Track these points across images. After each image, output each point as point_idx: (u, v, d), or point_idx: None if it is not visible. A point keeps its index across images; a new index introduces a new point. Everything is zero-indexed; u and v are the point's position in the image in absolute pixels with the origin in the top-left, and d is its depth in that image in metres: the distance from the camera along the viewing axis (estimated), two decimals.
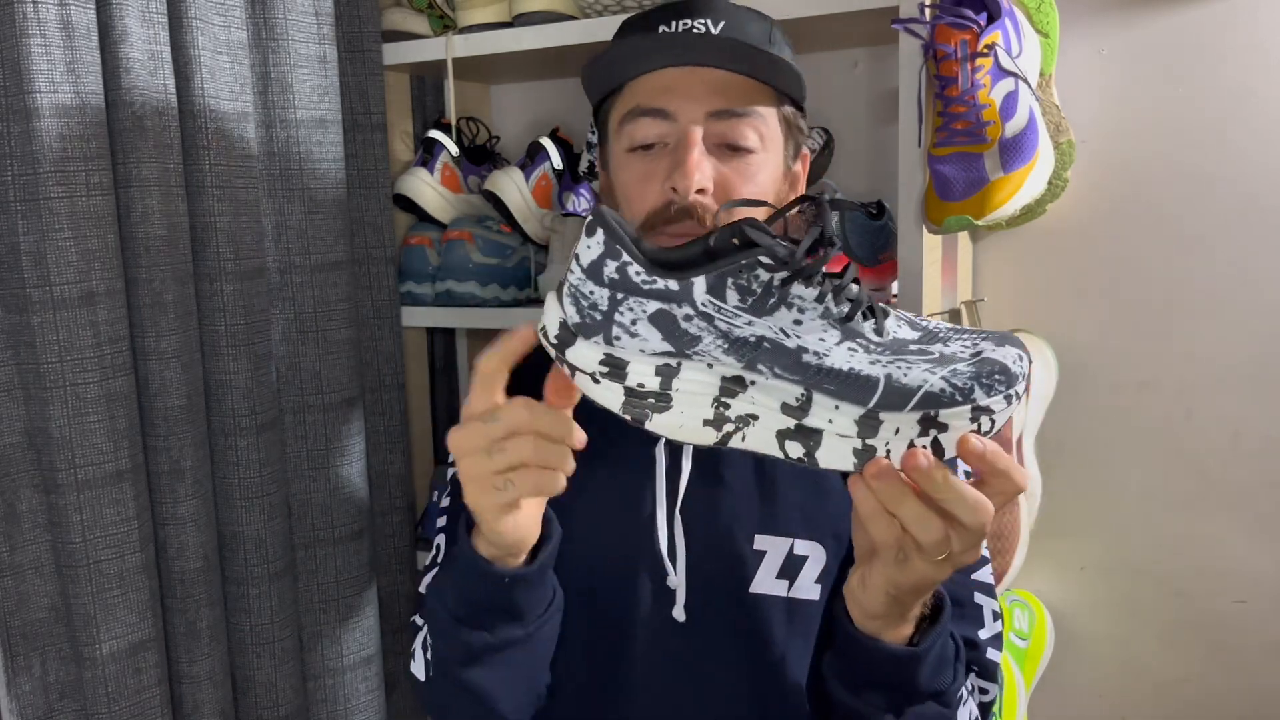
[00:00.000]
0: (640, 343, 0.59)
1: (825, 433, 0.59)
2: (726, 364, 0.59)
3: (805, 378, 0.58)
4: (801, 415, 0.59)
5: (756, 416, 0.60)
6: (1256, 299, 1.16)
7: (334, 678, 1.25)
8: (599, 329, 0.59)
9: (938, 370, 0.58)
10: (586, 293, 0.59)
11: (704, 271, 0.58)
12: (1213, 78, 1.15)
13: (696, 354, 0.59)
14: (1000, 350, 0.59)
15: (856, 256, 1.13)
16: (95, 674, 0.99)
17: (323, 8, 1.19)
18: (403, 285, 1.36)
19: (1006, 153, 1.01)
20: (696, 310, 0.58)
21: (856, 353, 0.58)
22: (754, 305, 0.58)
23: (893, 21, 1.03)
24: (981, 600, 0.88)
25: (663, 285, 0.58)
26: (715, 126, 0.85)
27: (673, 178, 0.83)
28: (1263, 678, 1.20)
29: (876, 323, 0.60)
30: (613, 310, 0.59)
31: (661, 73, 0.85)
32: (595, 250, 0.59)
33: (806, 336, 0.58)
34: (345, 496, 1.24)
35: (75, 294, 0.95)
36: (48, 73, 0.92)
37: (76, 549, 0.97)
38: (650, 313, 0.58)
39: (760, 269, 0.58)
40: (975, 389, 0.57)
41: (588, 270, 0.59)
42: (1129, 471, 1.23)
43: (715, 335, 0.58)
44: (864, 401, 0.57)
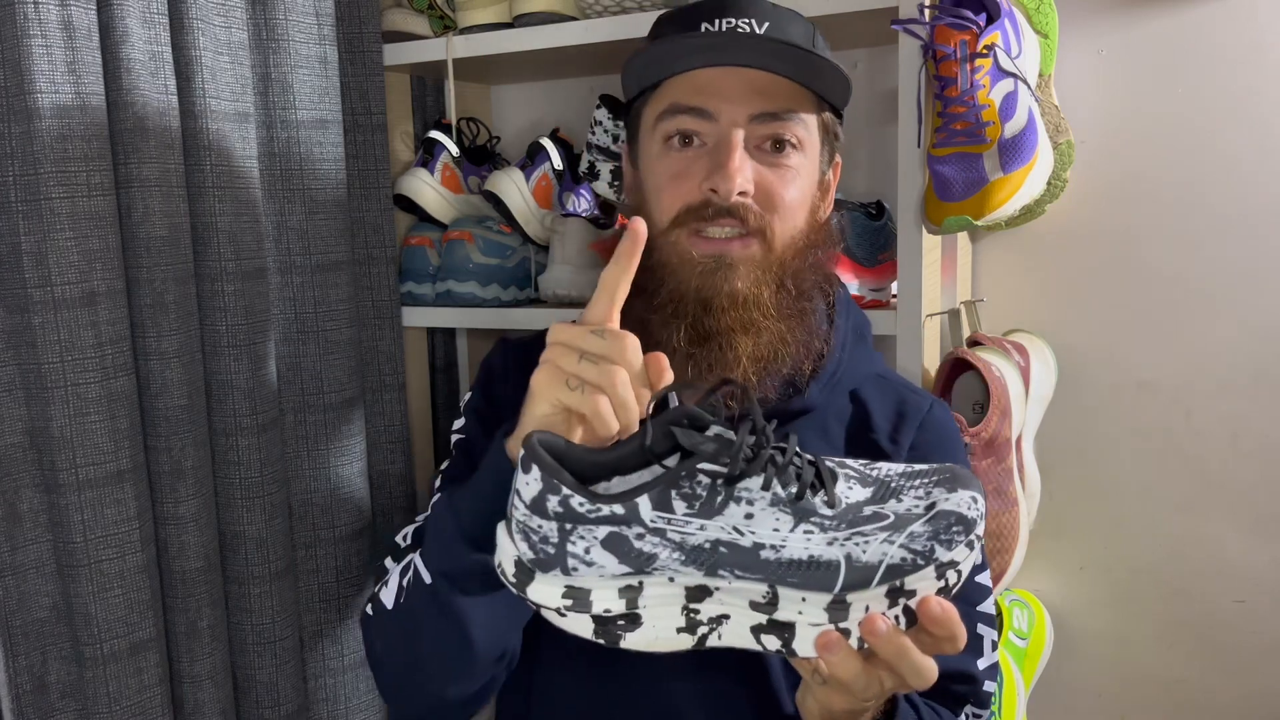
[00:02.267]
0: (598, 570, 0.59)
1: (798, 624, 0.59)
2: (687, 574, 0.58)
3: (767, 574, 0.58)
4: (771, 610, 0.59)
5: (728, 616, 0.60)
6: (1256, 299, 1.16)
7: (335, 677, 1.25)
8: (554, 562, 0.59)
9: (895, 538, 0.58)
10: (535, 527, 0.59)
11: (647, 490, 0.58)
12: (1212, 78, 1.15)
13: (656, 569, 0.58)
14: (954, 498, 0.59)
15: (856, 257, 1.13)
16: (96, 674, 0.99)
17: (323, 8, 1.20)
18: (403, 285, 1.36)
19: (1006, 153, 1.01)
20: (647, 528, 0.58)
21: (813, 534, 0.58)
22: (702, 509, 0.58)
23: (892, 22, 1.03)
24: (983, 631, 0.88)
25: (608, 511, 0.58)
26: (756, 129, 0.84)
27: (713, 179, 0.83)
28: (1262, 678, 1.20)
29: (827, 493, 0.59)
30: (564, 541, 0.58)
31: (702, 71, 0.84)
32: (535, 487, 0.59)
33: (760, 530, 0.58)
34: (345, 496, 1.24)
35: (76, 294, 0.96)
36: (49, 73, 0.93)
37: (78, 549, 0.98)
38: (602, 538, 0.58)
39: (701, 474, 0.58)
40: (935, 548, 0.58)
41: (531, 506, 0.59)
42: (1129, 471, 1.24)
43: (671, 548, 0.58)
44: (829, 588, 0.58)
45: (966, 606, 0.87)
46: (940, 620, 0.58)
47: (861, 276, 1.13)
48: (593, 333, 0.66)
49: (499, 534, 0.62)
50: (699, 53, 0.84)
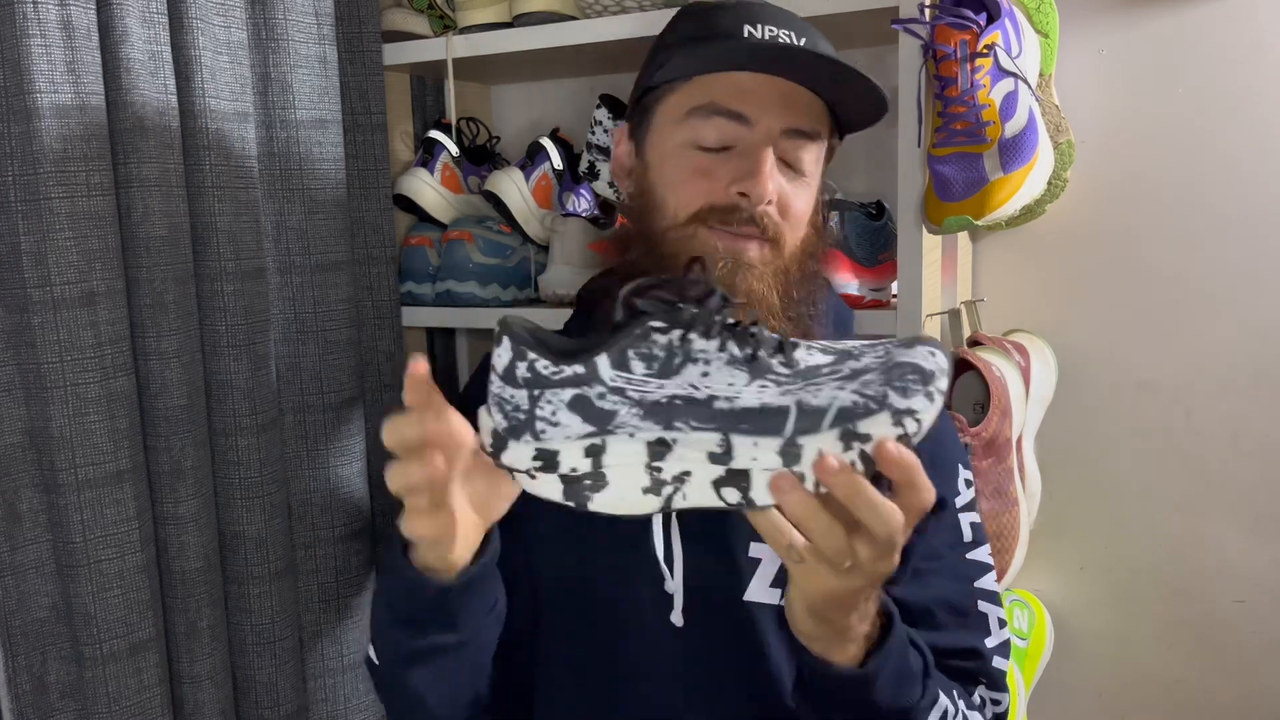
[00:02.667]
0: (564, 430, 0.62)
1: (753, 471, 0.60)
2: (646, 429, 0.61)
3: (720, 423, 0.60)
4: (727, 460, 0.60)
5: (690, 472, 0.61)
6: (1256, 299, 1.16)
7: (334, 677, 1.25)
8: (525, 428, 0.62)
9: (848, 385, 0.59)
10: (507, 397, 0.63)
11: (604, 349, 0.61)
12: (1212, 78, 1.15)
13: (618, 427, 0.61)
14: (909, 351, 0.61)
15: (856, 257, 1.13)
16: (96, 674, 0.99)
17: (323, 8, 1.19)
18: (403, 285, 1.36)
19: (1006, 153, 1.01)
20: (608, 387, 0.61)
21: (767, 388, 0.60)
22: (660, 369, 0.61)
23: (893, 22, 1.03)
24: (987, 608, 0.87)
25: (570, 372, 0.61)
26: (785, 143, 0.85)
27: (745, 183, 0.83)
28: (1262, 678, 1.20)
29: (785, 356, 0.61)
30: (533, 407, 0.62)
31: (743, 76, 0.85)
32: (505, 357, 0.63)
33: (716, 385, 0.60)
34: (345, 496, 1.24)
35: (76, 294, 0.95)
36: (48, 73, 0.93)
37: (77, 549, 0.98)
38: (567, 400, 0.61)
39: (656, 334, 0.61)
40: (889, 394, 0.59)
41: (503, 376, 0.63)
42: (1129, 471, 1.23)
43: (630, 405, 0.61)
44: (779, 431, 0.59)
45: (965, 584, 0.87)
46: (897, 462, 0.58)
47: (861, 276, 1.13)
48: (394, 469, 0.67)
49: (480, 415, 0.65)
50: (748, 58, 0.84)
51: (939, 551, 0.87)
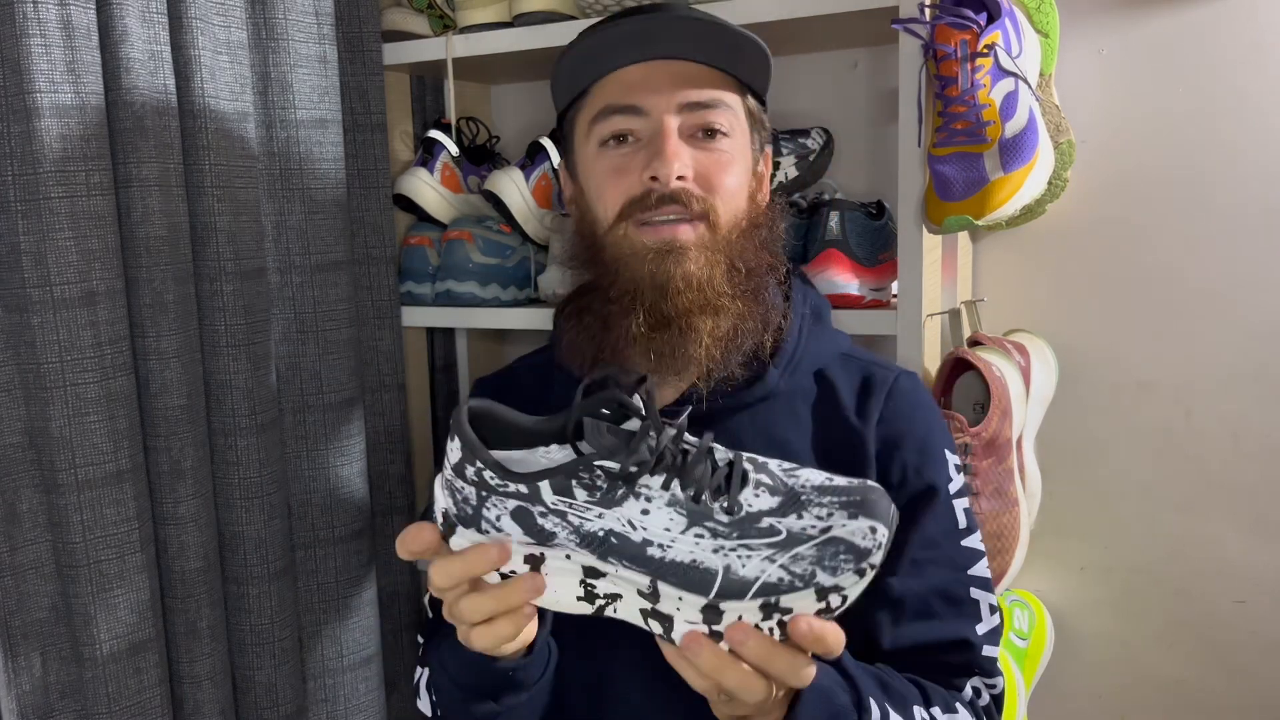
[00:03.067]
0: (505, 537, 0.65)
1: (675, 618, 0.63)
2: (582, 555, 0.64)
3: (650, 568, 0.62)
4: (654, 601, 0.63)
5: (620, 595, 0.65)
6: (1256, 299, 1.16)
7: (334, 677, 1.25)
8: (472, 521, 0.65)
9: (779, 557, 0.60)
10: (458, 488, 0.65)
11: (549, 475, 0.62)
12: (1213, 78, 1.15)
13: (556, 545, 0.64)
14: (851, 525, 0.61)
15: (856, 257, 1.13)
16: (96, 674, 0.99)
17: (323, 8, 1.19)
18: (403, 285, 1.36)
19: (1006, 153, 1.01)
20: (549, 509, 0.63)
21: (702, 539, 0.61)
22: (602, 499, 0.62)
23: (893, 21, 1.03)
24: (978, 595, 0.88)
25: (514, 488, 0.63)
26: (687, 118, 0.86)
27: (652, 166, 0.84)
28: (1263, 678, 1.20)
29: (729, 499, 0.62)
30: (480, 505, 0.65)
31: (627, 70, 0.87)
32: (456, 454, 0.65)
33: (653, 528, 0.62)
34: (345, 496, 1.24)
35: (75, 294, 0.95)
36: (48, 73, 0.92)
37: (77, 549, 0.97)
38: (511, 510, 0.64)
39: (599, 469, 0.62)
40: (817, 573, 0.60)
41: (454, 470, 0.65)
42: (1129, 471, 1.23)
43: (568, 530, 0.63)
44: (705, 592, 0.61)
45: (957, 573, 0.87)
46: (808, 638, 0.61)
47: (861, 276, 1.13)
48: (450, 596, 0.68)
49: (436, 487, 0.68)
50: (621, 50, 0.86)
51: (936, 540, 0.87)
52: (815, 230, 1.15)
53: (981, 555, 0.90)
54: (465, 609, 0.67)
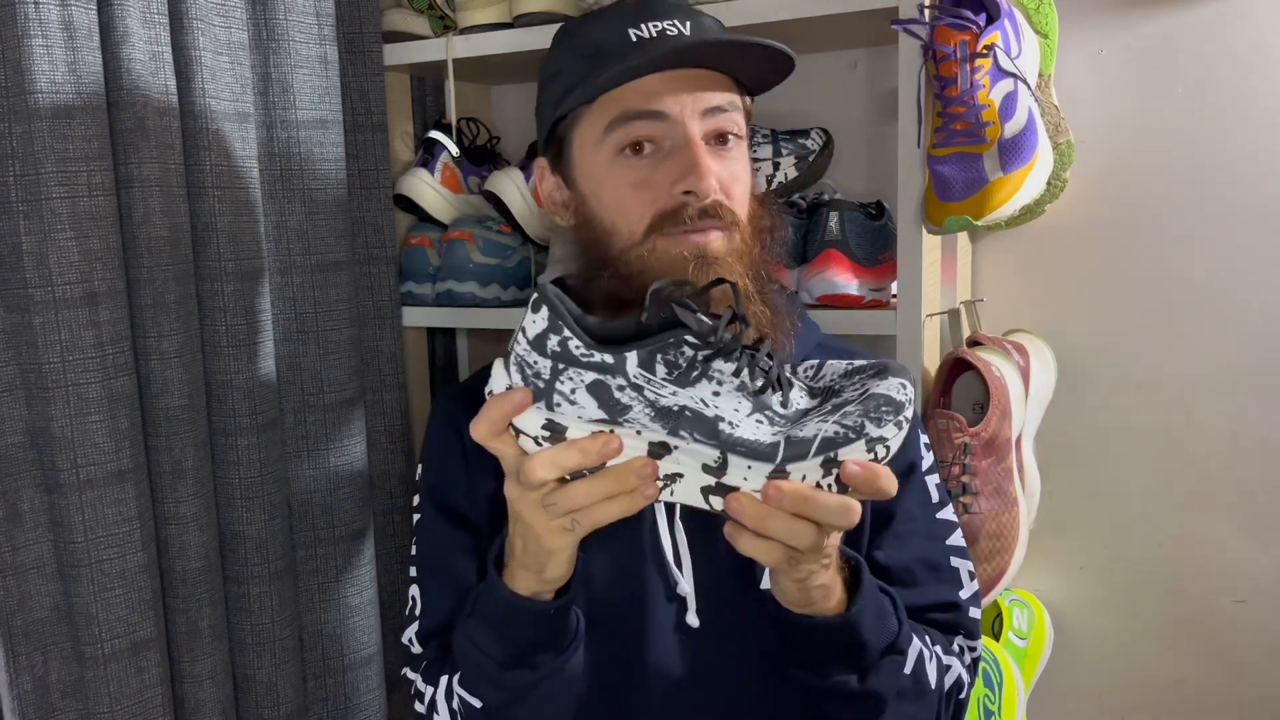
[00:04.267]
0: (578, 410, 0.65)
1: (742, 489, 0.66)
2: (653, 430, 0.65)
3: (720, 443, 0.65)
4: (720, 474, 0.66)
5: (682, 475, 0.66)
6: (1256, 299, 1.16)
7: (334, 677, 1.25)
8: (541, 396, 0.65)
9: (830, 418, 0.65)
10: (531, 362, 0.65)
11: (637, 347, 0.64)
12: (1213, 78, 1.15)
13: (627, 421, 0.65)
14: (884, 384, 0.67)
15: (856, 257, 1.13)
16: (97, 673, 1.00)
17: (323, 8, 1.20)
18: (403, 285, 1.36)
19: (1006, 153, 1.01)
20: (629, 381, 0.64)
21: (763, 424, 0.65)
22: (679, 378, 0.65)
23: (892, 22, 1.03)
24: (957, 563, 0.91)
25: (599, 359, 0.64)
26: (707, 123, 0.85)
27: (687, 180, 0.82)
28: (1262, 678, 1.20)
29: (783, 395, 0.67)
30: (554, 379, 0.65)
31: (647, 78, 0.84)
32: (540, 325, 0.65)
33: (723, 407, 0.65)
34: (345, 496, 1.24)
35: (77, 294, 0.96)
36: (49, 73, 0.93)
37: (78, 548, 0.98)
38: (588, 383, 0.64)
39: (685, 346, 0.64)
40: (866, 424, 0.65)
41: (533, 343, 0.65)
42: (1129, 471, 1.24)
43: (644, 404, 0.65)
44: (772, 459, 0.65)
45: (936, 542, 0.91)
46: (860, 478, 0.64)
47: (861, 276, 1.13)
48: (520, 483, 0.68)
49: (495, 367, 0.67)
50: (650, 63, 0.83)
51: (913, 513, 0.90)
52: (815, 230, 1.15)
53: (956, 526, 0.93)
54: (578, 493, 0.65)
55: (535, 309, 0.65)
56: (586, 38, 0.88)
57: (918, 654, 0.80)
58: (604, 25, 0.87)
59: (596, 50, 0.85)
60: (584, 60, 0.86)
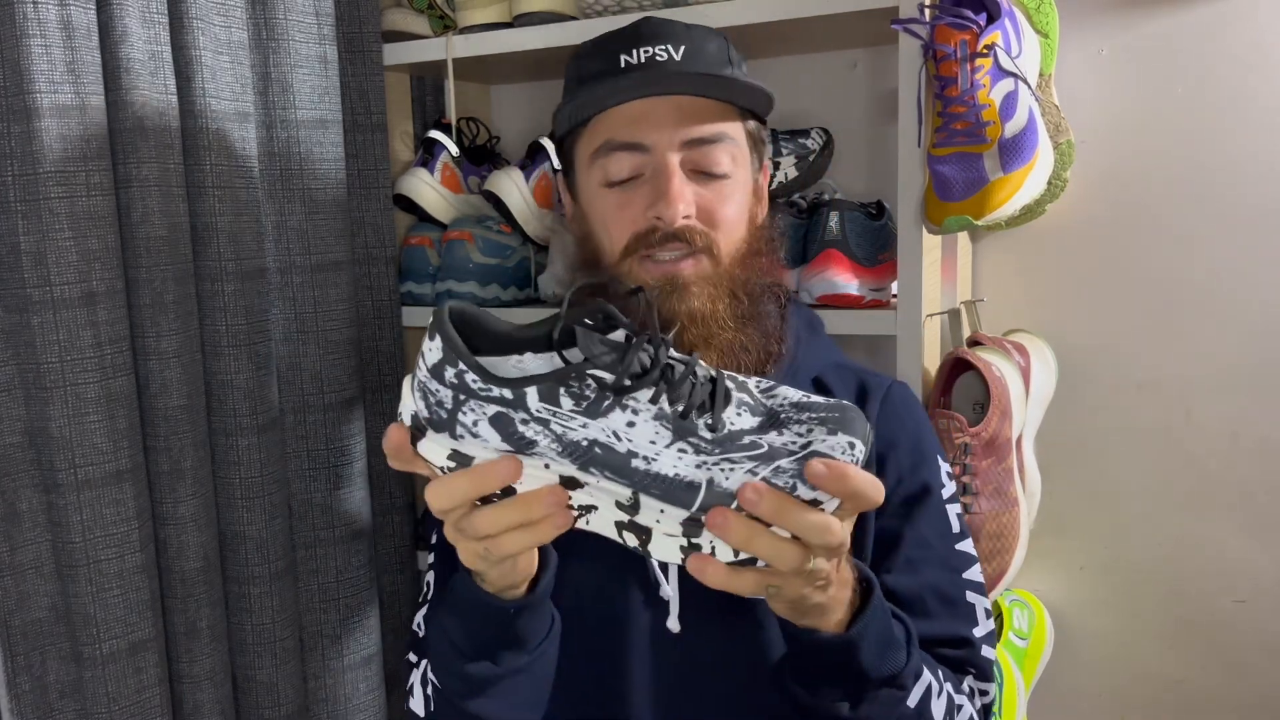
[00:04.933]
0: (482, 442, 0.62)
1: (654, 530, 0.62)
2: (562, 464, 0.61)
3: (633, 481, 0.61)
4: (633, 513, 0.62)
5: (595, 507, 0.63)
6: (1256, 299, 1.16)
7: (334, 677, 1.25)
8: (445, 426, 0.62)
9: (761, 469, 0.60)
10: (433, 389, 0.62)
11: (537, 382, 0.60)
12: (1213, 78, 1.15)
13: (535, 454, 0.61)
14: (831, 441, 0.61)
15: (856, 257, 1.13)
16: (95, 674, 0.99)
17: (323, 8, 1.20)
18: (403, 285, 1.36)
19: (1006, 153, 1.01)
20: (532, 415, 0.61)
21: (686, 454, 0.61)
22: (588, 409, 0.60)
23: (892, 22, 1.03)
24: (974, 599, 0.88)
25: (497, 393, 0.61)
26: (690, 154, 0.87)
27: (656, 206, 0.85)
28: (1263, 678, 1.20)
29: (713, 416, 0.62)
30: (456, 409, 0.62)
31: (631, 105, 0.87)
32: (436, 354, 0.62)
33: (638, 440, 0.60)
34: (345, 496, 1.24)
35: (76, 294, 0.96)
36: (48, 73, 0.93)
37: (77, 549, 0.98)
38: (490, 415, 0.61)
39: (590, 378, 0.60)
40: (798, 485, 0.60)
41: (431, 371, 0.62)
42: (1129, 471, 1.23)
43: (550, 439, 0.61)
44: (687, 505, 0.60)
45: (952, 574, 0.88)
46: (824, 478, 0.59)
47: (861, 276, 1.13)
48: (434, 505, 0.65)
49: (405, 388, 0.65)
50: (622, 88, 0.86)
51: (929, 540, 0.88)
52: (815, 230, 1.15)
53: (975, 560, 0.90)
54: (482, 522, 0.63)
55: (431, 336, 0.62)
56: (585, 61, 0.91)
57: (925, 688, 0.76)
58: (602, 50, 0.90)
59: (589, 74, 0.89)
60: (579, 86, 0.89)
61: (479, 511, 0.63)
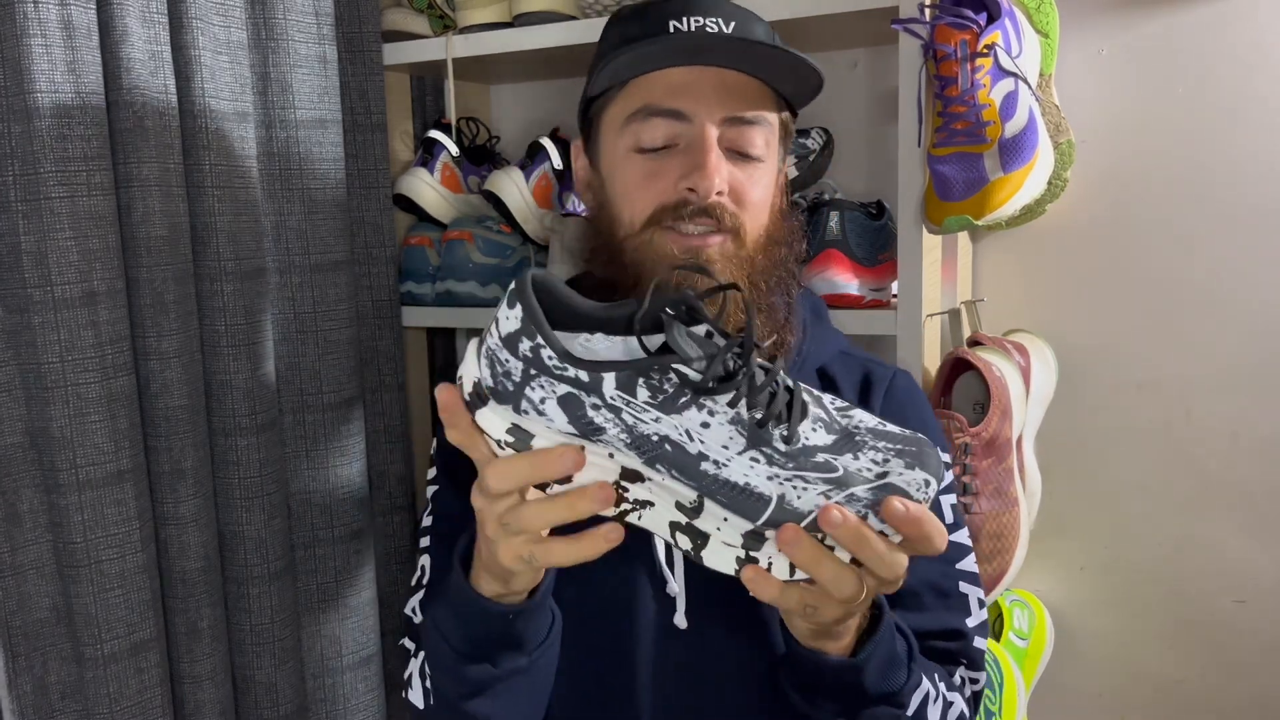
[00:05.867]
0: (547, 420, 0.59)
1: (713, 537, 0.60)
2: (627, 456, 0.59)
3: (701, 484, 0.59)
4: (694, 516, 0.59)
5: (652, 504, 0.60)
6: (1256, 299, 1.16)
7: (334, 677, 1.25)
8: (510, 398, 0.59)
9: (834, 495, 0.58)
10: (502, 359, 0.59)
11: (615, 369, 0.58)
12: (1213, 78, 1.15)
13: (601, 441, 0.59)
14: (908, 475, 0.59)
15: (856, 257, 1.13)
16: (97, 674, 0.99)
17: (323, 8, 1.19)
18: (403, 285, 1.36)
19: (1006, 153, 1.01)
20: (605, 402, 0.58)
21: (758, 464, 0.58)
22: (664, 403, 0.58)
23: (893, 21, 1.03)
24: (967, 589, 0.89)
25: (573, 374, 0.58)
26: (728, 131, 0.84)
27: (691, 178, 0.83)
28: (1263, 678, 1.20)
29: (789, 428, 0.59)
30: (524, 383, 0.59)
31: (674, 70, 0.84)
32: (513, 324, 0.59)
33: (710, 442, 0.58)
34: (345, 496, 1.24)
35: (76, 294, 0.95)
36: (48, 73, 0.93)
37: (78, 549, 0.97)
38: (560, 395, 0.58)
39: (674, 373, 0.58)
40: (869, 516, 0.58)
41: (504, 341, 0.59)
42: (1129, 471, 1.23)
43: (620, 428, 0.58)
44: (753, 517, 0.58)
45: (946, 565, 0.88)
46: (905, 519, 0.58)
47: (861, 276, 1.13)
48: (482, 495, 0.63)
49: (469, 348, 0.62)
50: (671, 53, 0.83)
51: None
52: (815, 230, 1.15)
53: (969, 550, 0.91)
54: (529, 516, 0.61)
55: (510, 304, 0.59)
56: (630, 24, 0.88)
57: (922, 698, 0.76)
58: (649, 13, 0.86)
59: (634, 35, 0.85)
60: (622, 45, 0.85)
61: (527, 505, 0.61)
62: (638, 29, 0.86)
